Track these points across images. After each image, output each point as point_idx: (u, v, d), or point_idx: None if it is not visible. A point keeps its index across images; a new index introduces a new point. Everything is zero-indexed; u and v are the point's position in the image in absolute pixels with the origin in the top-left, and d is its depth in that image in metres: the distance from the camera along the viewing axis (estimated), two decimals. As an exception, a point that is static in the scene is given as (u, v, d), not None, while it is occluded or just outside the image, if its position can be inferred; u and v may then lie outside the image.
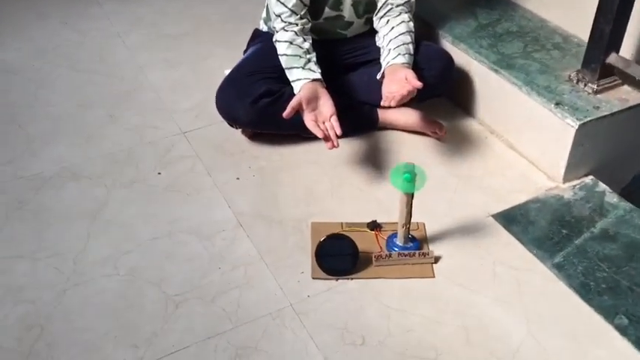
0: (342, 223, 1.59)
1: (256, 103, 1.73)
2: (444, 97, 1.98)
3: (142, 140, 1.84)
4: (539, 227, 1.58)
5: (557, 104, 1.63)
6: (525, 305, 1.39)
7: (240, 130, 1.86)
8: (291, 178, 1.74)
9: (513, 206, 1.64)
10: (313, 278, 1.46)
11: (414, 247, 1.51)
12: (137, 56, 2.23)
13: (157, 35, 2.37)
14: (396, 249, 1.50)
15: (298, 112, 1.65)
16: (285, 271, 1.47)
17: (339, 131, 1.59)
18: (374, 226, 1.57)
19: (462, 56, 1.89)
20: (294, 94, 1.66)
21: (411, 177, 1.37)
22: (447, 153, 1.82)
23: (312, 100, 1.62)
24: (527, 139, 1.77)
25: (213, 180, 1.73)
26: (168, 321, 1.34)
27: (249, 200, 1.66)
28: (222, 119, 1.81)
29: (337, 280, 1.46)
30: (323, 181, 1.72)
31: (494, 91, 1.83)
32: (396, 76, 1.66)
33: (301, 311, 1.38)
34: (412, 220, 1.48)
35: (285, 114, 1.59)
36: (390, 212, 1.61)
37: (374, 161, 1.79)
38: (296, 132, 1.81)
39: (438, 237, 1.56)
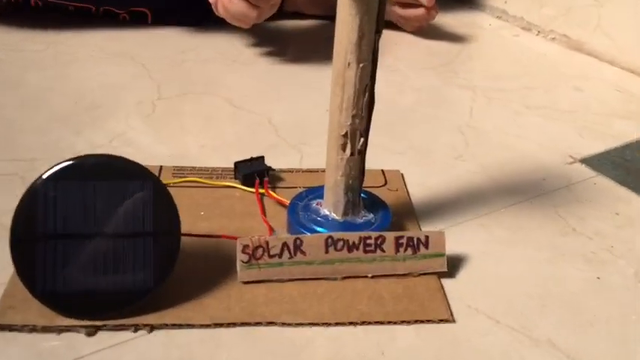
0: (160, 169, 0.53)
1: None
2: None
3: None
4: None
5: None
6: None
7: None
8: (49, 80, 0.67)
9: (628, 143, 0.63)
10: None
11: (381, 222, 0.46)
12: None
13: None
14: (318, 228, 0.45)
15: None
16: None
17: None
18: (256, 170, 0.52)
19: None
20: None
21: None
22: (441, 55, 0.80)
23: None
24: (619, 18, 0.78)
25: None
26: None
27: None
28: None
29: (94, 331, 0.38)
30: (137, 87, 0.67)
31: None
32: None
33: None
34: (370, 164, 0.44)
35: None
36: (300, 154, 0.58)
37: (268, 59, 0.76)
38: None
39: (443, 208, 0.52)
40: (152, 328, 0.38)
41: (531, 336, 0.40)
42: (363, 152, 0.44)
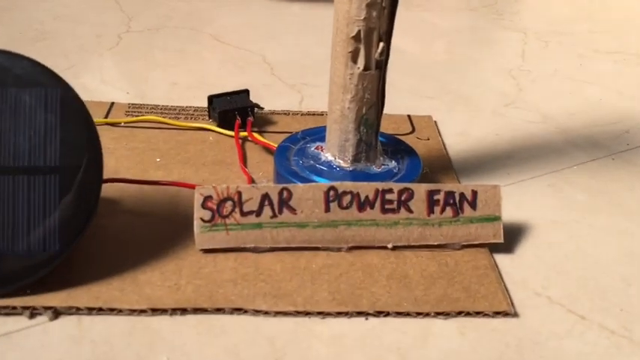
0: (111, 106, 0.40)
1: None
2: None
3: None
4: None
5: None
6: None
7: None
8: None
9: None
10: None
11: (407, 173, 0.32)
12: None
13: None
14: (317, 178, 0.31)
15: None
16: None
17: None
18: (237, 108, 0.38)
19: None
20: None
21: None
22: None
23: None
24: None
25: None
26: None
27: None
28: None
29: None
30: (102, 20, 0.54)
31: None
32: None
33: None
34: (391, 109, 0.31)
35: None
36: (300, 95, 0.44)
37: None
38: None
39: (491, 162, 0.37)
40: (57, 312, 0.25)
41: (635, 339, 0.26)
42: (382, 65, 0.30)
